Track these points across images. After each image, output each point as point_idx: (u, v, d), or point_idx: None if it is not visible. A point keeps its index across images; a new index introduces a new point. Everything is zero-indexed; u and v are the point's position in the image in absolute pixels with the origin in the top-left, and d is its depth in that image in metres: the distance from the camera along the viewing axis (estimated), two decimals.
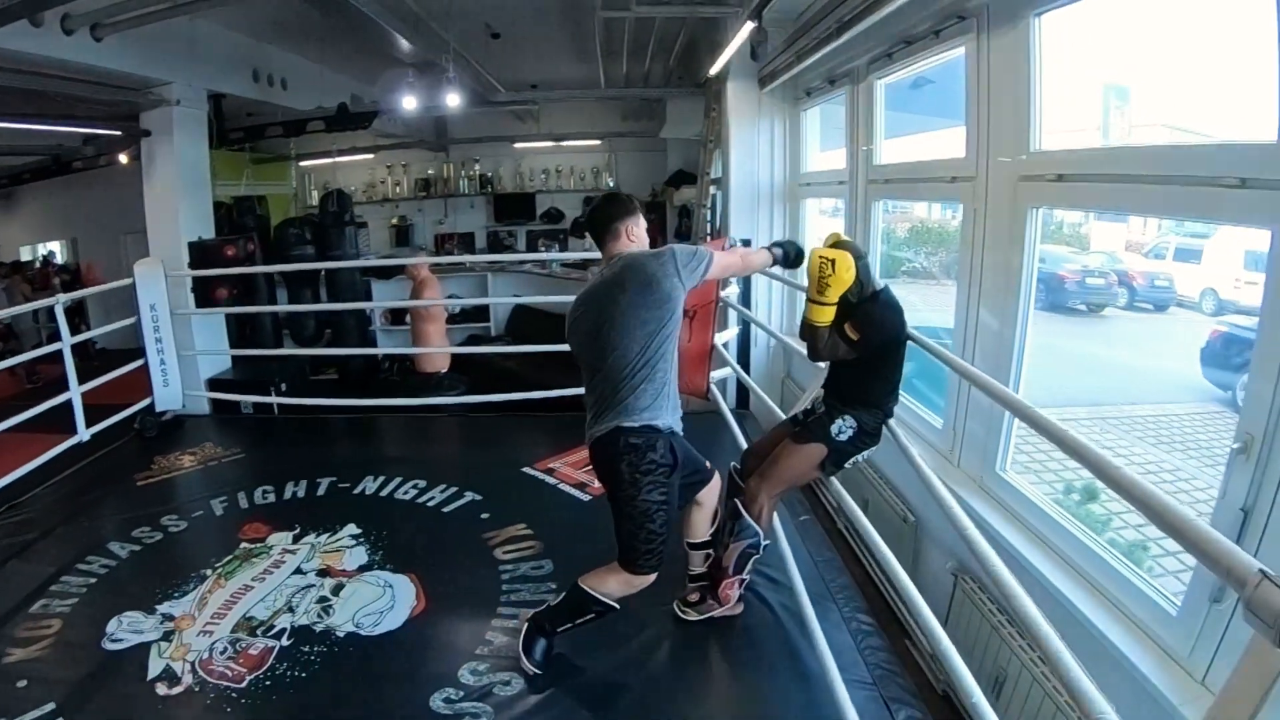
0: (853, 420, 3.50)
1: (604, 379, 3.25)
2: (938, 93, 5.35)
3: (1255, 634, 1.31)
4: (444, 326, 8.40)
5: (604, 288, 3.25)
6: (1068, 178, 3.56)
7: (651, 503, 3.23)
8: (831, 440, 3.52)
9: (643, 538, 3.25)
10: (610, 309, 3.18)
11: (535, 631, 3.49)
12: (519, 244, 15.15)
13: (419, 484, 5.57)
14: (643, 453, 3.20)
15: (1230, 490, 2.60)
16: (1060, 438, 2.13)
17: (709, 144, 9.23)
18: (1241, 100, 2.92)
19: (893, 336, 3.44)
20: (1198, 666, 2.67)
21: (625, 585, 3.34)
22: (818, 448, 3.56)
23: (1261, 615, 1.28)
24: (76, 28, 5.64)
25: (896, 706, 3.27)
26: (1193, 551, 1.54)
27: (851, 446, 3.54)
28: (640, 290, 3.14)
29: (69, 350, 6.15)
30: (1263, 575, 1.30)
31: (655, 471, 3.22)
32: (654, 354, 3.18)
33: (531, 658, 3.44)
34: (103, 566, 4.60)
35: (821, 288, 3.33)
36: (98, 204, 13.40)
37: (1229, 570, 1.40)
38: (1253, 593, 1.30)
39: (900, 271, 7.36)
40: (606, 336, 3.20)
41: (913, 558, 4.64)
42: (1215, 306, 4.90)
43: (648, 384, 3.19)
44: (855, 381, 3.56)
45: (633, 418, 3.18)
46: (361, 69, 10.31)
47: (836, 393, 3.62)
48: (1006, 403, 2.68)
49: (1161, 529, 1.62)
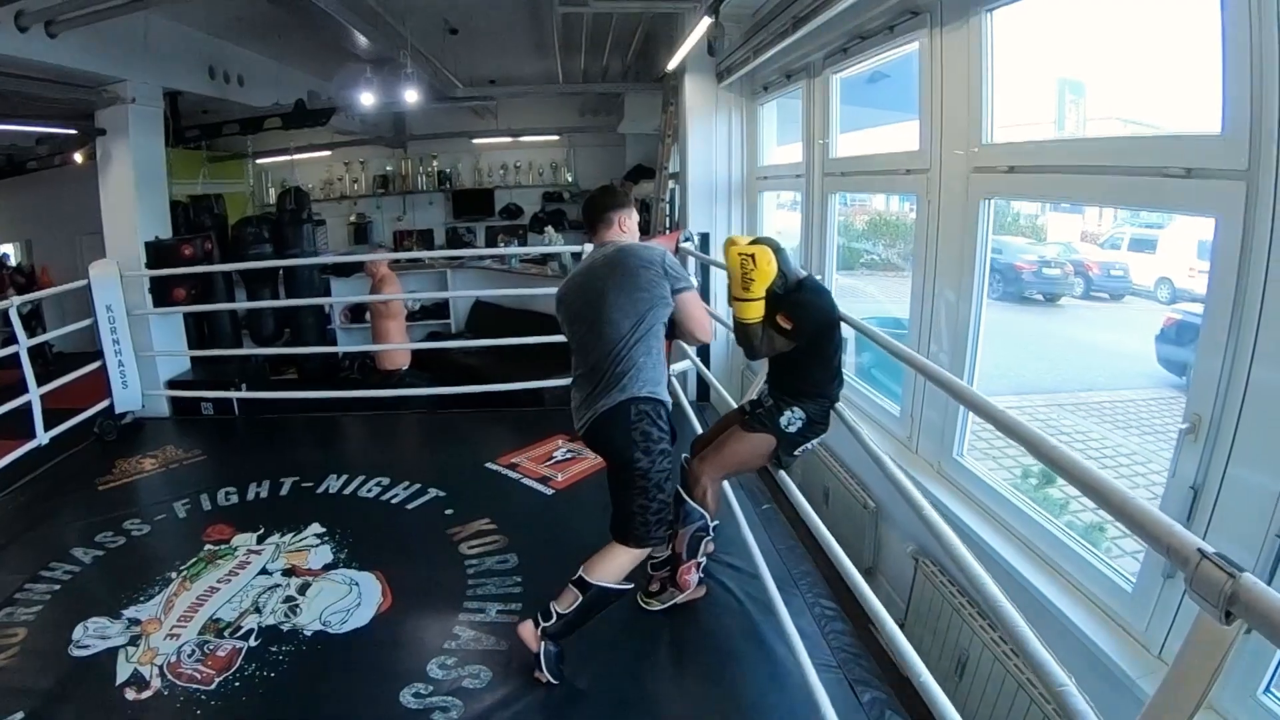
0: (801, 412, 3.57)
1: (602, 355, 3.33)
2: (893, 87, 5.41)
3: (1200, 612, 1.33)
4: (404, 323, 8.38)
5: (601, 268, 3.38)
6: (1019, 169, 3.64)
7: (663, 471, 3.35)
8: (781, 432, 3.59)
9: (654, 509, 3.34)
10: (609, 287, 3.31)
11: (553, 644, 3.40)
12: (478, 240, 15.08)
13: (382, 482, 5.56)
14: (653, 421, 3.31)
15: (1180, 469, 2.67)
16: (995, 416, 2.20)
17: (667, 138, 9.28)
18: (1189, 93, 2.99)
19: (825, 320, 3.53)
20: (1154, 640, 2.76)
21: (633, 561, 3.40)
22: (767, 438, 3.62)
23: (1204, 594, 1.29)
24: (30, 24, 5.56)
25: (861, 689, 3.33)
26: (1135, 531, 1.56)
27: (801, 436, 3.61)
28: (636, 272, 3.30)
29: (25, 354, 6.06)
30: (1201, 554, 1.32)
31: (664, 440, 3.35)
32: (648, 330, 3.31)
33: (553, 670, 3.37)
34: (66, 573, 4.55)
35: (746, 284, 3.41)
36: (52, 205, 13.19)
37: (1169, 549, 1.41)
38: (1194, 572, 1.31)
39: (859, 264, 7.43)
40: (605, 313, 3.31)
41: (875, 544, 4.71)
42: (1170, 295, 4.98)
43: (647, 357, 3.31)
44: (797, 373, 3.62)
45: (641, 389, 3.28)
46: (318, 65, 10.26)
47: (781, 385, 3.68)
48: (940, 381, 2.72)
49: (1105, 510, 1.65)
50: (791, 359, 3.59)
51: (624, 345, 3.28)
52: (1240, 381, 2.42)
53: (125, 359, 7.13)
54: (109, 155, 7.39)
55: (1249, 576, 1.24)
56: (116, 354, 7.08)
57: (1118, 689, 2.73)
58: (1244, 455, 2.43)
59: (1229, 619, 1.26)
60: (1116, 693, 2.73)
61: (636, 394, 3.27)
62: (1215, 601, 1.27)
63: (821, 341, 3.54)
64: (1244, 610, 1.23)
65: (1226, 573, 1.26)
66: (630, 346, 3.28)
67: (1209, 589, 1.28)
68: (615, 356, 3.29)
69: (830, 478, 5.20)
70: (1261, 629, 1.21)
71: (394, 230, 15.23)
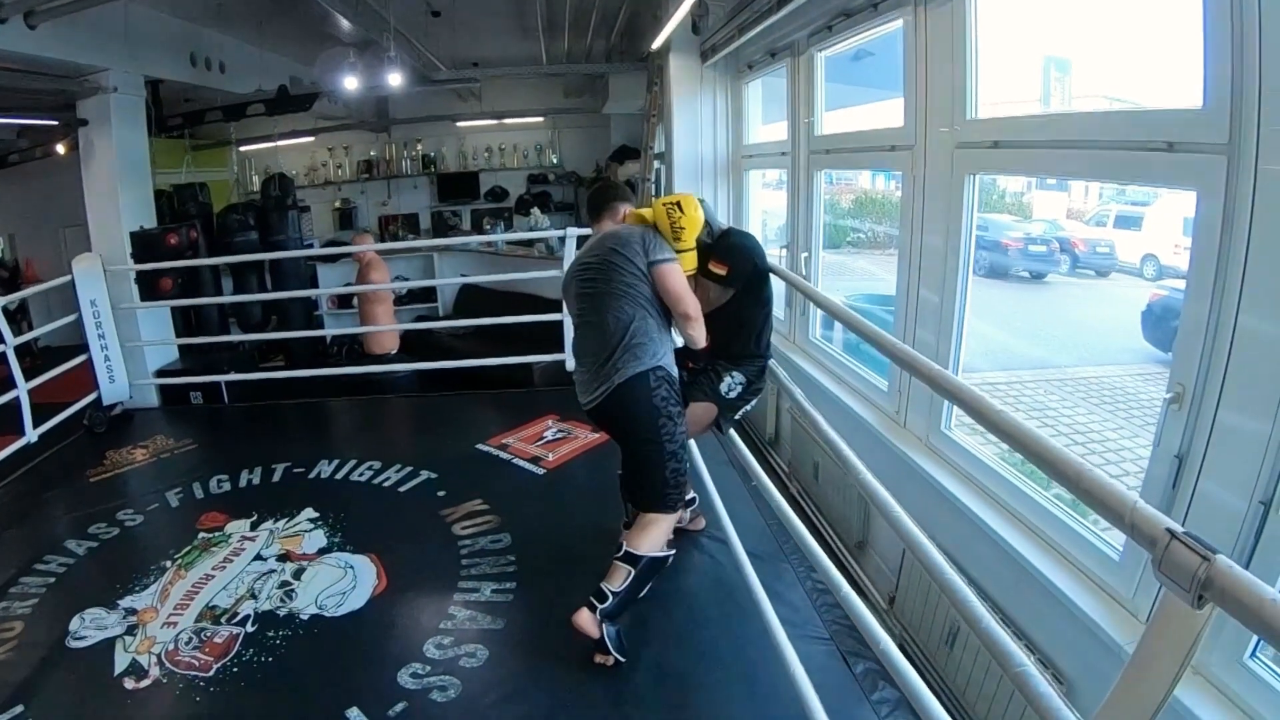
0: (740, 375, 3.69)
1: (611, 332, 3.42)
2: (878, 65, 5.42)
3: (1166, 593, 1.28)
4: (392, 307, 8.37)
5: (605, 251, 3.52)
6: (1003, 144, 3.66)
7: (682, 434, 3.48)
8: (722, 399, 3.69)
9: (674, 472, 3.46)
10: (612, 268, 3.45)
11: (613, 624, 3.41)
12: (464, 223, 15.02)
13: (374, 465, 5.58)
14: (670, 389, 3.44)
15: (1165, 438, 2.71)
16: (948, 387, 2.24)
17: (651, 118, 9.26)
18: (1171, 69, 3.01)
19: (757, 266, 3.62)
20: (1141, 607, 2.81)
21: (669, 526, 3.53)
22: (708, 406, 3.72)
23: (1174, 576, 1.24)
24: (9, 16, 5.50)
25: (854, 660, 3.38)
26: (1093, 506, 1.52)
27: (741, 400, 3.74)
28: (631, 260, 3.44)
29: (12, 352, 6.02)
30: (1171, 534, 1.26)
31: (679, 405, 3.48)
32: (652, 305, 3.44)
33: (619, 648, 3.37)
34: (61, 565, 4.56)
35: (676, 234, 3.50)
36: (34, 198, 13.07)
37: (1132, 527, 1.36)
38: (1163, 552, 1.26)
39: (845, 242, 7.45)
40: (608, 296, 3.44)
41: (864, 520, 4.75)
42: (1156, 271, 5.01)
43: (658, 331, 3.45)
44: (731, 336, 3.69)
45: (655, 359, 3.40)
46: (300, 50, 10.19)
47: (717, 351, 3.72)
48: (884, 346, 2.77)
49: (1061, 483, 1.61)
50: (725, 320, 3.65)
51: (636, 320, 3.39)
52: (1223, 351, 2.45)
53: (111, 352, 7.10)
54: (91, 145, 7.33)
55: (1224, 559, 1.19)
56: (102, 347, 7.04)
57: (1108, 655, 2.78)
58: (1226, 424, 2.47)
59: (1200, 603, 1.21)
60: (1107, 659, 2.78)
61: (654, 364, 3.38)
62: (1187, 585, 1.21)
63: (755, 291, 3.64)
64: (1219, 596, 1.18)
65: (1200, 555, 1.20)
66: (636, 322, 3.39)
67: (1179, 572, 1.23)
68: (626, 332, 3.39)
69: (819, 452, 5.23)
70: (1240, 616, 1.15)
71: (379, 215, 15.15)
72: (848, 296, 7.36)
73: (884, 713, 3.11)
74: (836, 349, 5.73)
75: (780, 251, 6.70)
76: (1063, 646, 3.13)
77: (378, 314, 7.95)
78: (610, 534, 3.85)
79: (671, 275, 3.47)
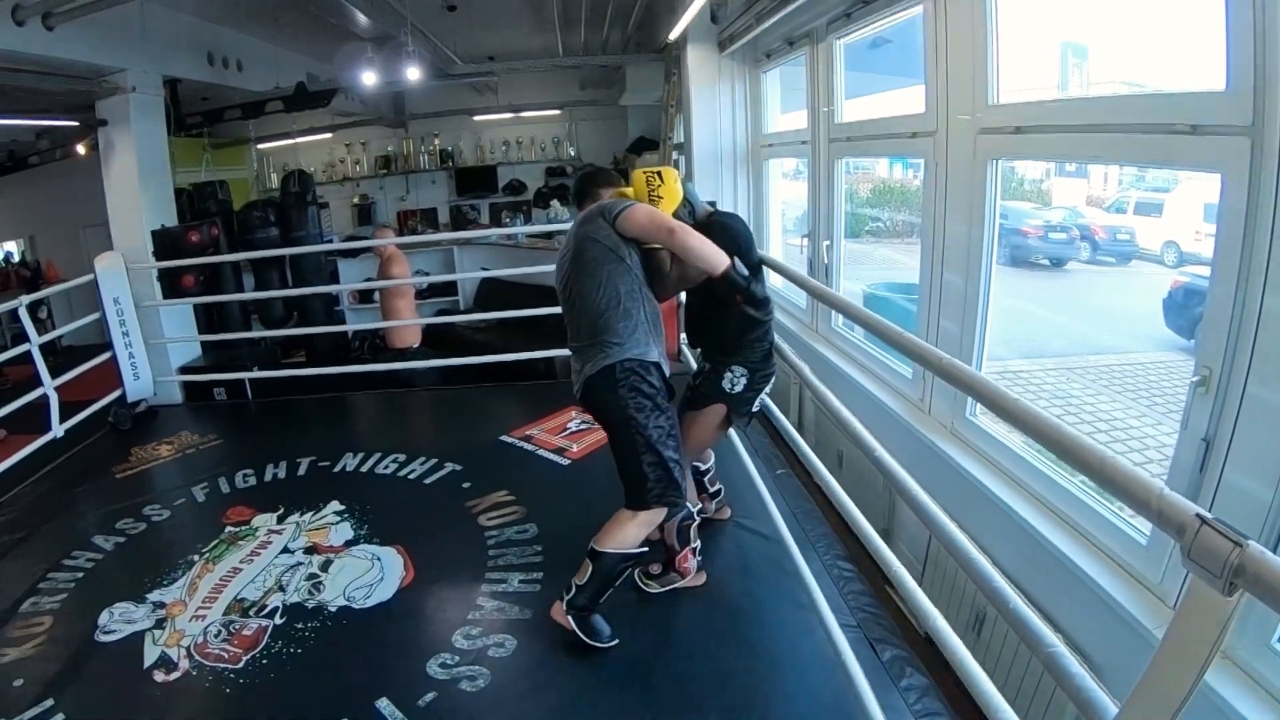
0: (740, 368, 3.58)
1: (584, 322, 3.37)
2: (896, 52, 5.40)
3: (1195, 580, 1.26)
4: (413, 301, 8.38)
5: (573, 239, 3.41)
6: (1025, 129, 3.63)
7: (660, 428, 3.33)
8: (728, 395, 3.60)
9: (657, 467, 3.33)
10: (575, 257, 3.37)
11: (581, 615, 3.45)
12: (482, 217, 15.10)
13: (399, 458, 5.62)
14: (641, 378, 3.31)
15: (1192, 422, 2.69)
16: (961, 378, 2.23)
17: (670, 109, 9.26)
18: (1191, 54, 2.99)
19: (743, 244, 3.53)
20: (1169, 592, 2.79)
21: (644, 526, 3.40)
22: (717, 408, 3.64)
23: (1205, 563, 1.22)
24: (28, 18, 5.55)
25: (881, 647, 3.38)
26: (1119, 496, 1.51)
27: (750, 391, 3.62)
28: (592, 238, 3.33)
29: (38, 350, 6.08)
30: (1201, 520, 1.24)
31: (656, 397, 3.34)
32: (622, 292, 3.31)
33: (600, 636, 3.43)
34: (89, 560, 4.61)
35: (654, 202, 3.43)
36: (54, 199, 13.20)
37: (1159, 515, 1.36)
38: (1193, 540, 1.24)
39: (864, 231, 7.43)
40: (578, 281, 3.37)
41: (889, 507, 4.74)
42: (1177, 258, 4.98)
43: (624, 320, 3.31)
44: (723, 326, 3.62)
45: (623, 353, 3.29)
46: (316, 47, 10.24)
47: (712, 346, 3.71)
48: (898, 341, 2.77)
49: (1085, 474, 1.59)
50: (712, 311, 3.61)
51: (599, 313, 3.32)
52: (1249, 334, 2.44)
53: (135, 349, 7.16)
54: (111, 145, 7.38)
55: (1256, 546, 1.16)
56: (126, 345, 7.10)
57: (1136, 640, 2.77)
58: (1254, 407, 2.45)
59: (1231, 590, 1.18)
60: (1134, 644, 2.77)
61: (620, 358, 3.29)
62: (1218, 572, 1.19)
63: None
64: (1253, 583, 1.15)
65: (1232, 541, 1.18)
66: (604, 312, 3.31)
67: (1210, 559, 1.21)
68: (594, 325, 3.33)
69: (843, 441, 5.22)
70: (1275, 604, 1.14)
71: (398, 210, 15.23)
72: (868, 286, 7.35)
73: (912, 699, 3.11)
74: (858, 337, 5.71)
75: (802, 240, 6.69)
76: (1089, 631, 3.12)
77: (399, 308, 7.96)
78: None
79: (634, 215, 3.30)
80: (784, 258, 7.32)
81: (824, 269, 6.18)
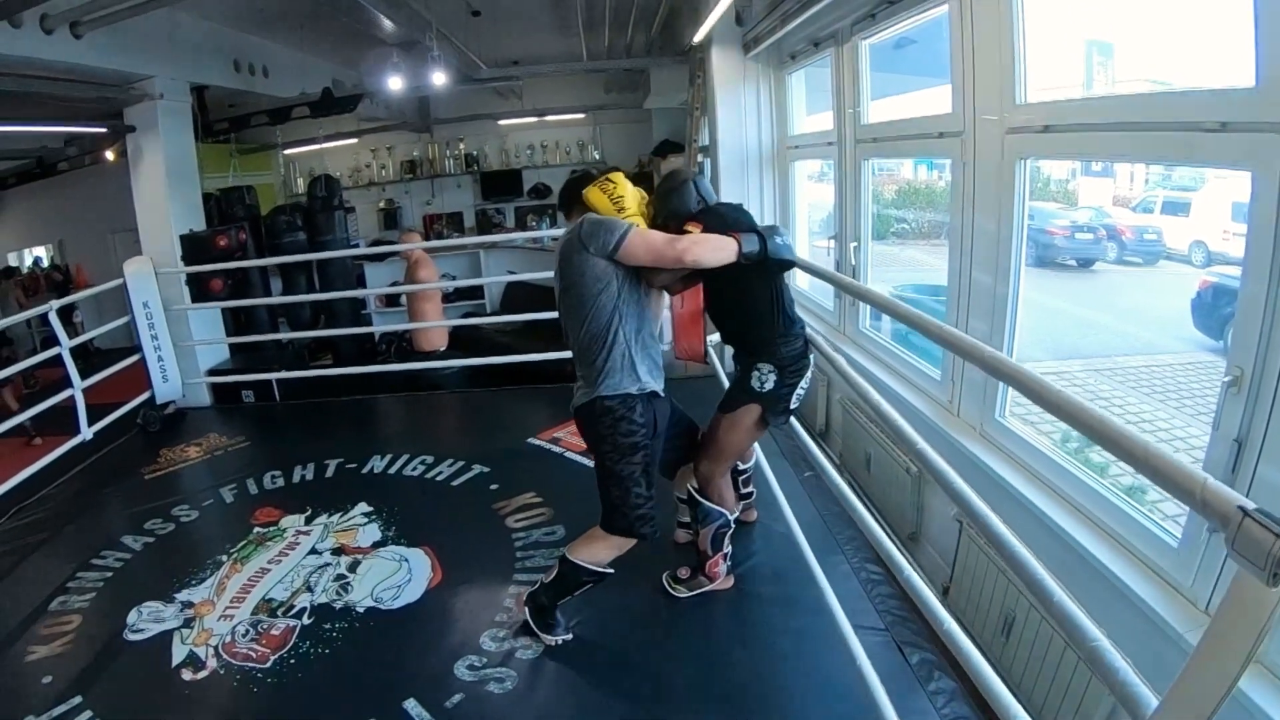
0: (769, 365, 3.49)
1: (575, 350, 3.34)
2: (921, 52, 5.37)
3: (1240, 572, 1.25)
4: (440, 304, 8.41)
5: (556, 264, 3.31)
6: (1054, 128, 3.60)
7: (635, 466, 3.28)
8: (759, 394, 3.51)
9: (629, 502, 3.29)
10: (560, 284, 3.29)
11: (539, 611, 3.53)
12: (507, 221, 15.16)
13: (426, 460, 5.64)
14: (618, 418, 3.24)
15: (1224, 422, 2.66)
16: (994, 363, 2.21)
17: (695, 111, 9.25)
18: (1220, 47, 2.96)
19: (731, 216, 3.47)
20: (1200, 595, 2.75)
21: (614, 549, 3.39)
22: (750, 409, 3.55)
23: (1248, 555, 1.21)
24: (56, 26, 5.59)
25: (910, 650, 3.36)
26: (1164, 486, 1.48)
27: (783, 388, 3.51)
28: (568, 264, 3.22)
29: (68, 353, 6.15)
30: (1243, 512, 1.23)
31: (634, 435, 3.26)
32: (606, 322, 3.20)
33: (554, 632, 3.51)
34: (118, 560, 4.65)
35: (620, 206, 3.35)
36: (83, 205, 13.38)
37: (1205, 504, 1.33)
38: (1236, 531, 1.23)
39: (890, 233, 7.39)
40: (566, 309, 3.31)
41: (918, 508, 4.71)
42: (1205, 259, 4.93)
43: (610, 351, 3.22)
44: (744, 324, 3.59)
45: (606, 385, 3.23)
46: (342, 53, 10.30)
47: (737, 346, 3.66)
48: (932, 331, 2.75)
49: (1131, 464, 1.56)
50: (736, 314, 3.59)
51: (581, 344, 3.27)
52: None
53: (164, 352, 7.23)
54: (140, 151, 7.45)
55: None
56: (155, 348, 7.17)
57: (1166, 644, 2.73)
58: None
59: (1276, 580, 1.17)
60: (1165, 647, 2.73)
61: (600, 394, 3.24)
62: (1262, 564, 1.17)
63: (756, 284, 3.45)
64: None
65: (1274, 533, 1.17)
66: (587, 347, 3.25)
67: (1254, 550, 1.19)
68: (578, 356, 3.31)
69: (872, 443, 5.20)
70: None
71: (424, 214, 15.30)
72: (895, 287, 7.31)
73: (940, 703, 3.09)
74: (885, 338, 5.69)
75: (828, 242, 6.67)
76: (1117, 634, 3.08)
77: (426, 311, 7.99)
78: (664, 529, 3.87)
79: (633, 250, 3.14)
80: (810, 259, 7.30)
81: (851, 271, 6.15)
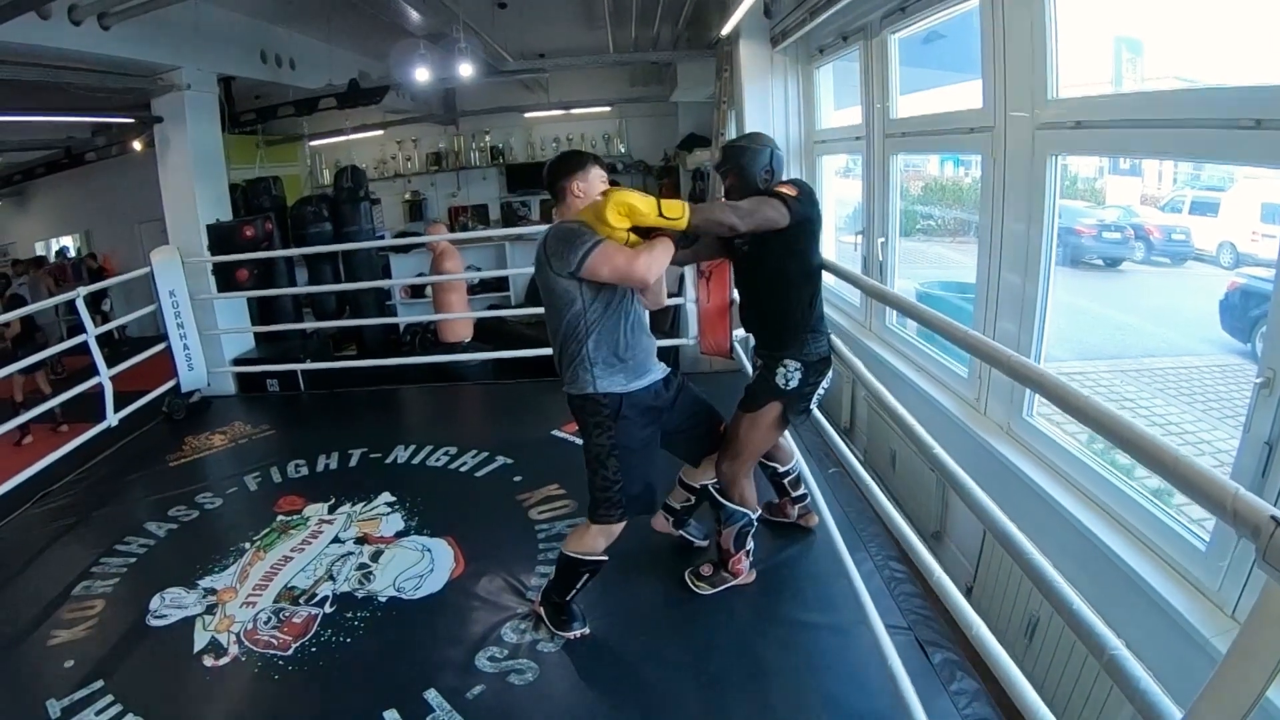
0: (795, 362, 3.46)
1: (554, 348, 3.33)
2: (950, 47, 5.33)
3: (1269, 582, 1.23)
4: (465, 295, 8.42)
5: (535, 266, 3.26)
6: (1085, 124, 3.56)
7: (612, 457, 3.27)
8: (783, 392, 3.49)
9: (603, 488, 3.30)
10: (543, 291, 3.25)
11: (554, 609, 3.56)
12: (532, 214, 15.12)
13: (450, 451, 5.64)
14: (589, 415, 3.27)
15: (1255, 425, 2.63)
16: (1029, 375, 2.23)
17: (722, 105, 9.21)
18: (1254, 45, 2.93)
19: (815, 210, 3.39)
20: (1227, 600, 2.72)
21: (605, 536, 3.38)
22: (772, 406, 3.52)
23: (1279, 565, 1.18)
24: (84, 18, 5.63)
25: (932, 650, 3.32)
26: (1192, 496, 1.44)
27: (807, 386, 3.50)
28: (539, 272, 3.21)
29: (94, 340, 6.20)
30: (1275, 522, 1.20)
31: (608, 432, 3.26)
32: (578, 327, 3.17)
33: (570, 628, 3.53)
34: (141, 546, 4.69)
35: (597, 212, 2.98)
36: (110, 195, 13.49)
37: (1235, 514, 1.30)
38: (1268, 541, 1.20)
39: (916, 229, 7.35)
40: (546, 309, 3.29)
41: (942, 508, 4.68)
42: (1233, 259, 4.88)
43: (582, 354, 3.20)
44: (773, 320, 3.56)
45: (579, 387, 3.24)
46: (368, 45, 10.31)
47: (763, 342, 3.63)
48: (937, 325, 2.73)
49: (1159, 473, 1.53)
50: (762, 309, 3.58)
51: (561, 346, 3.27)
52: None
53: (190, 341, 7.26)
54: (167, 142, 7.52)
55: None
56: (181, 336, 7.20)
57: (1193, 649, 2.70)
58: None
59: None
60: (1192, 652, 2.70)
61: (577, 391, 3.25)
62: None
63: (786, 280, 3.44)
64: None
65: None
66: (564, 346, 3.25)
67: None
68: (559, 353, 3.30)
69: (896, 440, 5.17)
70: None
71: (449, 206, 15.31)
72: (921, 284, 7.26)
73: (962, 704, 3.06)
74: (912, 334, 5.65)
75: (855, 237, 6.63)
76: (1142, 638, 3.05)
77: (451, 302, 8.00)
78: None
79: (596, 265, 3.01)
80: (837, 255, 7.27)
81: (879, 266, 6.12)
